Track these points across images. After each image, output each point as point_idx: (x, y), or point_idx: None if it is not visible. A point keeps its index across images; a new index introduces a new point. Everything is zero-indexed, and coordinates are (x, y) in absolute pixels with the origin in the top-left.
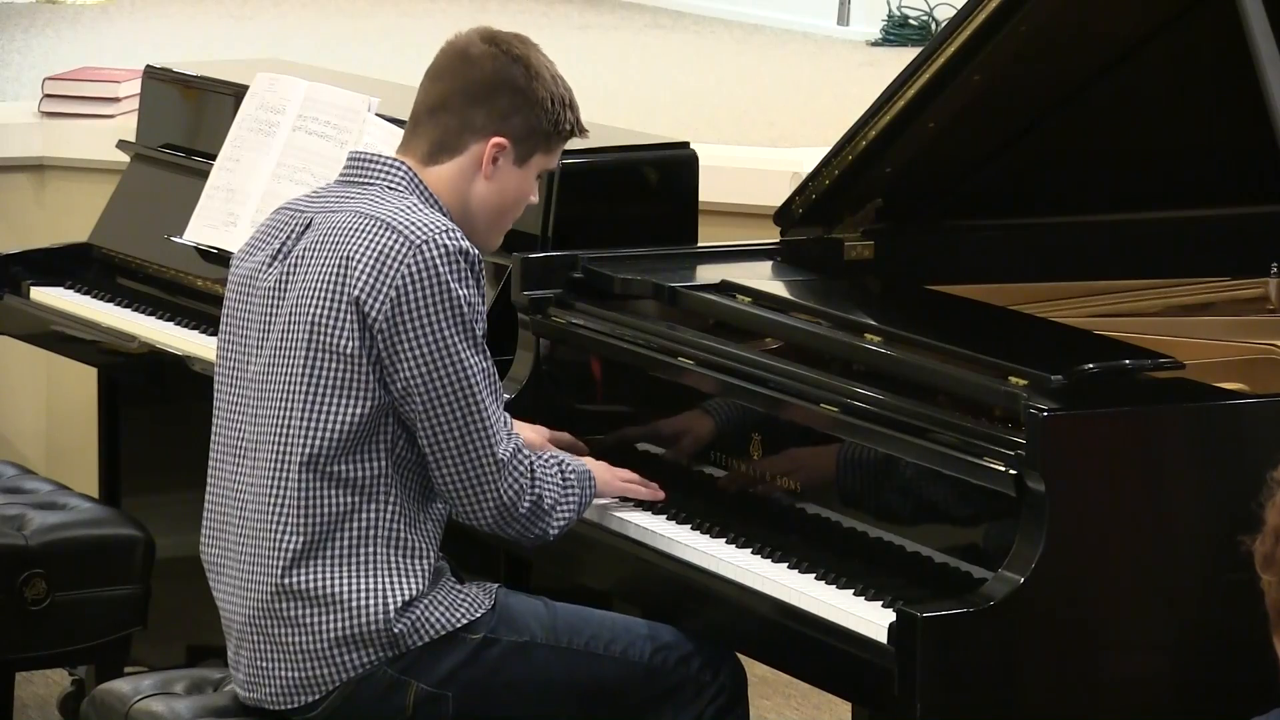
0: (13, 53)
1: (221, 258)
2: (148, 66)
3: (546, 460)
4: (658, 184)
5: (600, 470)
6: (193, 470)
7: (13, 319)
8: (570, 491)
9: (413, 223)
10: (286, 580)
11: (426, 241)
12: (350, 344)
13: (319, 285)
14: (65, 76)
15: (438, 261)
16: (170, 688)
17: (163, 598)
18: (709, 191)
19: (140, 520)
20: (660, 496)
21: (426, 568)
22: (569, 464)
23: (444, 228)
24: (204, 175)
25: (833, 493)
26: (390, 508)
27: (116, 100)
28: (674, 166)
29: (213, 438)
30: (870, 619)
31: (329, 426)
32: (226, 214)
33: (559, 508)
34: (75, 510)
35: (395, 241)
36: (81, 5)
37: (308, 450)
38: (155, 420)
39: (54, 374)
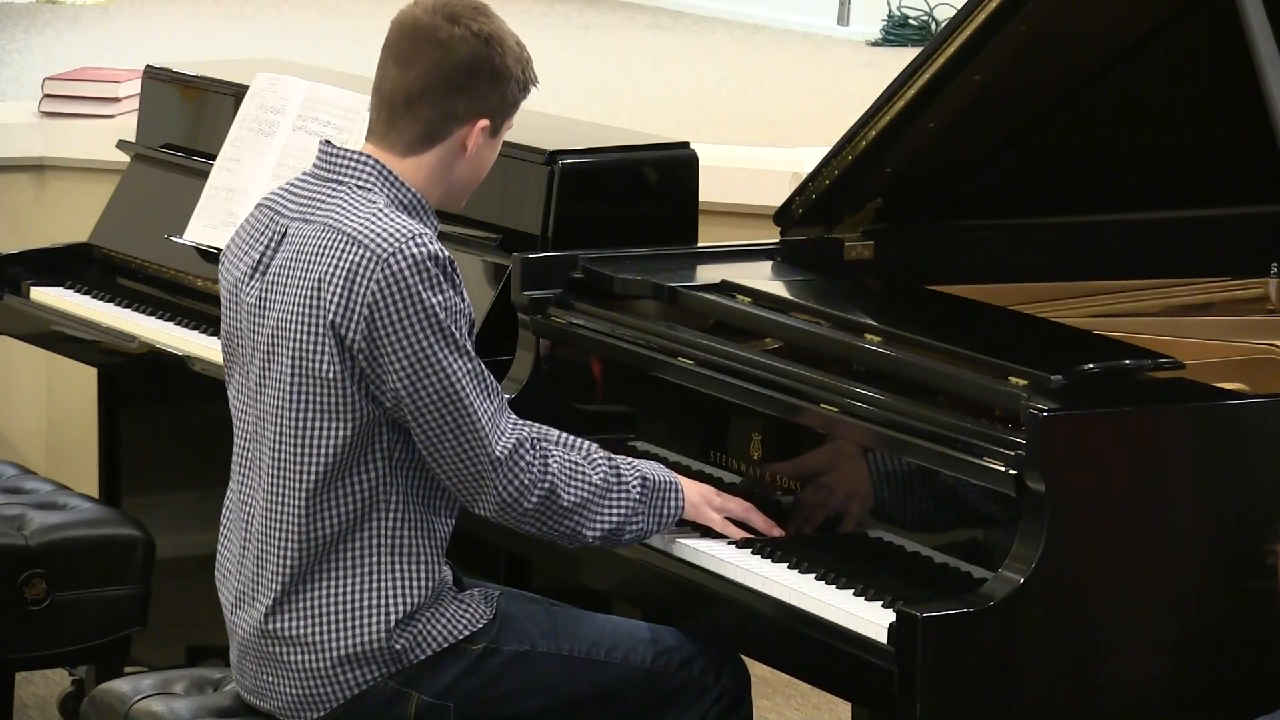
0: (13, 53)
1: None
2: (148, 66)
3: (588, 459)
4: (658, 184)
5: (689, 491)
6: (193, 470)
7: (13, 319)
8: (623, 495)
9: (377, 233)
10: (289, 599)
11: (394, 254)
12: (332, 368)
13: (296, 312)
14: (65, 76)
15: (406, 273)
16: (170, 688)
17: (163, 598)
18: (709, 191)
19: (140, 520)
20: (739, 536)
21: (429, 575)
22: (637, 469)
23: (410, 234)
24: (204, 175)
25: (833, 493)
26: (392, 515)
27: (116, 100)
28: (674, 166)
29: (234, 441)
30: (870, 619)
31: (324, 451)
32: (226, 214)
33: (592, 508)
34: (75, 510)
35: (362, 257)
36: (81, 5)
37: (308, 479)
38: (155, 420)
39: (54, 374)
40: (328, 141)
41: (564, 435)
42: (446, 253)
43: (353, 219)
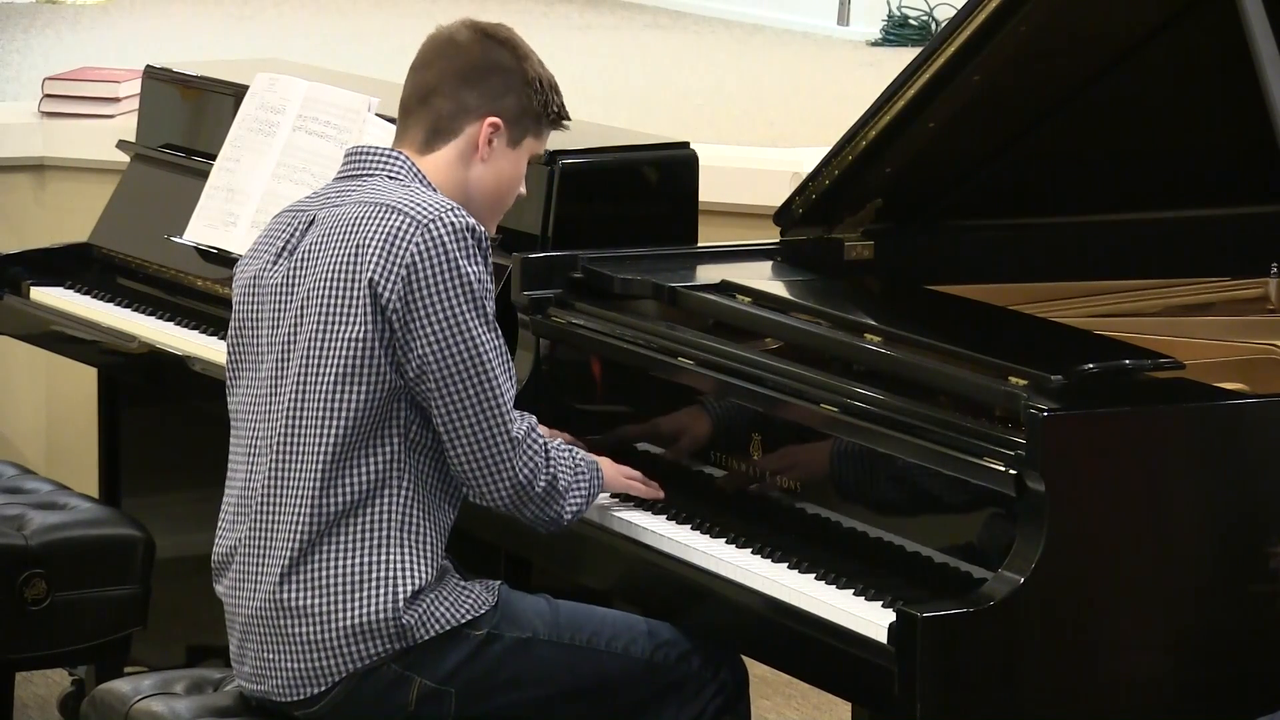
0: (13, 53)
1: (221, 258)
2: (148, 66)
3: (559, 445)
4: (658, 184)
5: (604, 465)
6: (193, 470)
7: (13, 319)
8: (581, 477)
9: (418, 203)
10: (297, 570)
11: (434, 220)
12: (363, 329)
13: (330, 275)
14: (65, 76)
15: (446, 239)
16: (170, 688)
17: (163, 598)
18: (709, 191)
19: (140, 520)
20: (659, 495)
21: (435, 558)
22: (577, 452)
23: (449, 206)
24: (204, 175)
25: (832, 493)
26: (403, 493)
27: (116, 100)
28: (674, 166)
29: (231, 443)
30: (870, 619)
31: (341, 416)
32: (226, 214)
33: (572, 491)
34: (75, 510)
35: (403, 222)
36: (81, 5)
37: (328, 446)
38: (155, 420)
39: (54, 374)
40: (354, 147)
41: None
42: (482, 228)
43: (390, 194)
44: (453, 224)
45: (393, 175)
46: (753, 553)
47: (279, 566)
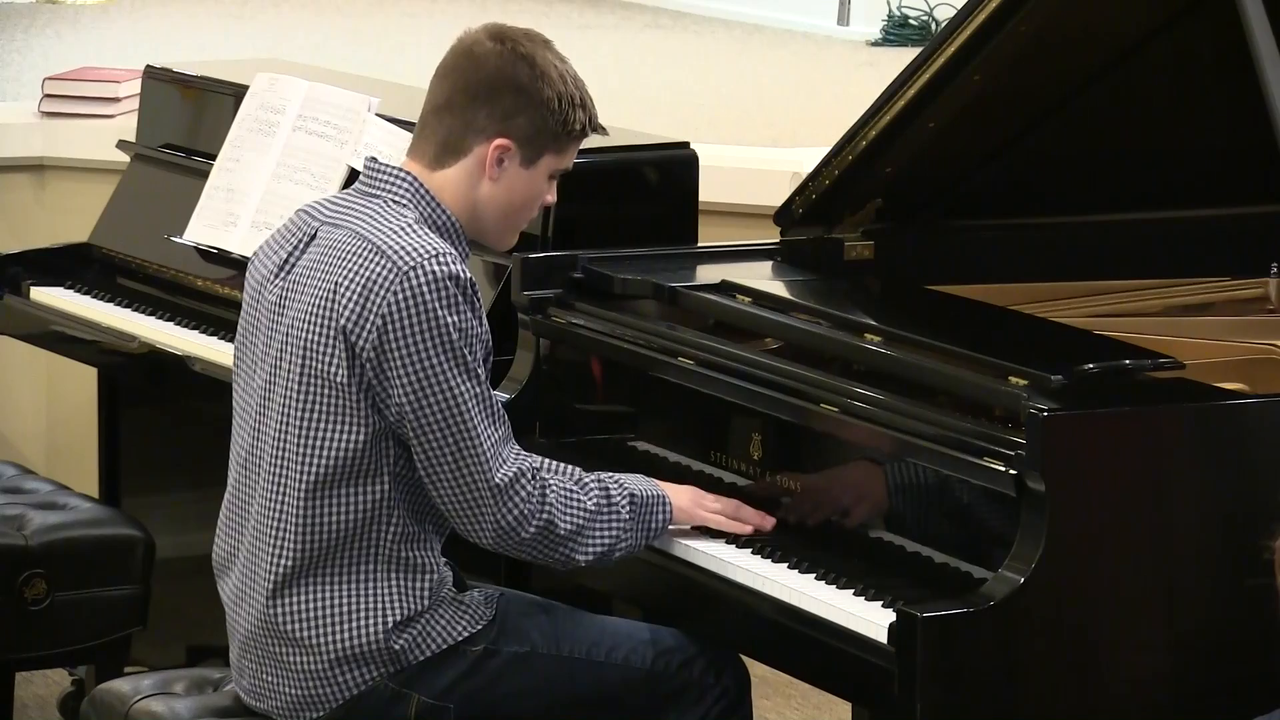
0: (13, 53)
1: (221, 258)
2: (148, 66)
3: (580, 484)
4: (658, 184)
5: (683, 498)
6: (193, 470)
7: (13, 319)
8: (613, 517)
9: (402, 247)
10: (281, 599)
11: (415, 268)
12: (340, 372)
13: (310, 312)
14: (65, 76)
15: (424, 289)
16: (170, 688)
17: (163, 598)
18: (709, 191)
19: (140, 520)
20: (747, 530)
21: (429, 583)
22: (625, 488)
23: (434, 252)
24: (204, 175)
25: (833, 493)
26: (393, 529)
27: (116, 100)
28: (674, 166)
29: (232, 439)
30: (870, 619)
31: (326, 453)
32: (226, 214)
33: (586, 534)
34: (75, 510)
35: (382, 268)
36: (81, 5)
37: (307, 477)
38: (155, 420)
39: (54, 374)
40: (372, 158)
41: (550, 461)
42: (469, 275)
43: (380, 229)
44: (433, 272)
45: (395, 199)
46: (753, 553)
47: (266, 593)
